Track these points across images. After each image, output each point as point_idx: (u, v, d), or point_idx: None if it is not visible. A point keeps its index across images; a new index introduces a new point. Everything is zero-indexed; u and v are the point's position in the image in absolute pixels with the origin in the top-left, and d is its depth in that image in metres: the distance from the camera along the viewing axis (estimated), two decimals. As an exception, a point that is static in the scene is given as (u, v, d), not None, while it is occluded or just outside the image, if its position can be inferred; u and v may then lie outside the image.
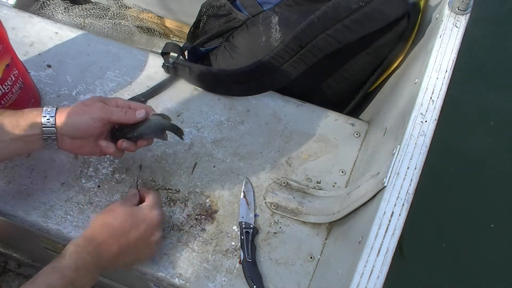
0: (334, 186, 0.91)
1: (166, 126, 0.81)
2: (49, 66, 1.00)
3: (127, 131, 0.80)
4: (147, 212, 0.78)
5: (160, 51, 0.98)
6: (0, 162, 0.89)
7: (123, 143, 0.79)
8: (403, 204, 0.67)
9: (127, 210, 0.77)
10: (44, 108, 0.75)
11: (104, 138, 0.79)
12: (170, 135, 0.84)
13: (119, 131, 0.80)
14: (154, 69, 1.01)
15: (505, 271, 1.47)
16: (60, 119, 0.75)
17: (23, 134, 0.74)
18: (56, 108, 0.76)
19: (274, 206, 0.89)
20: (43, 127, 0.74)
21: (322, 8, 0.87)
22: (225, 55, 1.05)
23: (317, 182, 0.92)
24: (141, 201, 0.81)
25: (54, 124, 0.75)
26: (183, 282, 0.82)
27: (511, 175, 1.57)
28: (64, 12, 1.34)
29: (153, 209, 0.78)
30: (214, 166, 0.92)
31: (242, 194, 0.89)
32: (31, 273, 1.34)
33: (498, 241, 1.50)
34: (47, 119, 0.75)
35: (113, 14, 1.39)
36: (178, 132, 0.83)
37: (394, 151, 0.72)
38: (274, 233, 0.87)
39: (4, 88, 0.82)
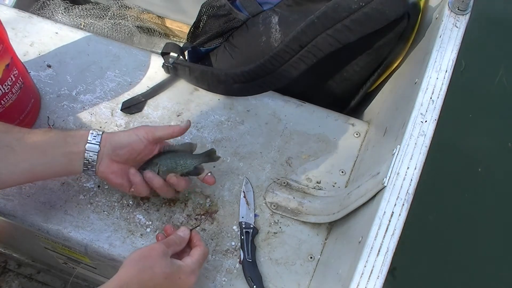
0: (334, 186, 0.91)
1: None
2: (49, 66, 1.00)
3: (152, 162, 0.80)
4: (186, 277, 0.73)
5: (160, 51, 0.98)
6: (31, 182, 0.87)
7: (147, 173, 0.79)
8: (403, 204, 0.67)
9: (167, 271, 0.71)
10: (92, 130, 0.78)
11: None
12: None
13: (146, 163, 0.80)
14: (154, 69, 1.01)
15: (506, 271, 1.47)
16: (106, 137, 0.77)
17: (68, 151, 0.76)
18: (103, 132, 0.78)
19: (274, 206, 0.89)
20: (88, 142, 0.76)
21: (322, 8, 0.87)
22: (225, 55, 1.05)
23: (317, 182, 0.91)
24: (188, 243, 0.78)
25: (99, 142, 0.76)
26: (183, 282, 0.82)
27: (511, 175, 1.57)
28: (64, 12, 1.34)
29: (194, 273, 0.74)
30: (214, 166, 0.92)
31: (242, 194, 0.89)
32: (31, 273, 1.34)
33: (499, 241, 1.50)
34: (94, 136, 0.77)
35: (113, 14, 1.39)
36: (210, 156, 0.85)
37: (394, 151, 0.72)
38: (274, 233, 0.87)
39: (4, 88, 0.82)
